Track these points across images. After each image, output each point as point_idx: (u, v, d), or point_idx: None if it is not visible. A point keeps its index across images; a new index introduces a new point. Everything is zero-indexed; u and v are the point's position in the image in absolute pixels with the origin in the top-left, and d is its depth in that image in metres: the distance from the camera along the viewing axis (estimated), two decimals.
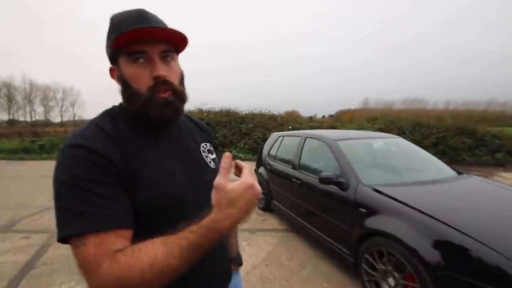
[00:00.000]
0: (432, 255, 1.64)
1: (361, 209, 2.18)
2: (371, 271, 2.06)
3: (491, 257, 1.46)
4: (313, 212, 2.85)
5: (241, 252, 2.79)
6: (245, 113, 12.62)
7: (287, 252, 2.89)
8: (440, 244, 1.64)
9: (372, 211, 2.10)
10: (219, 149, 10.57)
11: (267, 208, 4.06)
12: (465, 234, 1.59)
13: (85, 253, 0.49)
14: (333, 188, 2.52)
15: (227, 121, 11.68)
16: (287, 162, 3.59)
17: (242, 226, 2.59)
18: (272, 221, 3.79)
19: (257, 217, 3.94)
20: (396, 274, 1.85)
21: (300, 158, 3.33)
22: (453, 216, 1.76)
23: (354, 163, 2.59)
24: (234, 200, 0.50)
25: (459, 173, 2.79)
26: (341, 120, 17.79)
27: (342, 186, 2.44)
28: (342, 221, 2.39)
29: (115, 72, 0.64)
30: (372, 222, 2.06)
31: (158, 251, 0.48)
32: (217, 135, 10.85)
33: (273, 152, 4.17)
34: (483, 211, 1.93)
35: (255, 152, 10.49)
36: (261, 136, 10.84)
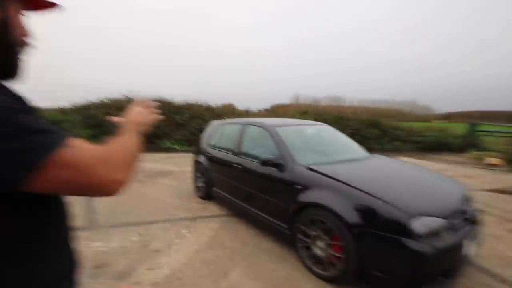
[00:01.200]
0: (352, 217, 1.97)
1: (297, 186, 2.43)
2: (304, 238, 2.33)
3: (394, 213, 1.85)
4: (254, 195, 3.01)
5: (181, 240, 2.73)
6: (180, 104, 12.08)
7: (230, 235, 2.99)
8: (358, 208, 1.98)
9: (306, 187, 2.37)
10: (151, 141, 9.87)
11: (207, 196, 4.07)
12: (375, 197, 1.97)
13: (84, 151, 0.55)
14: (272, 170, 2.72)
15: (160, 111, 10.97)
16: (228, 149, 3.66)
17: (182, 215, 2.57)
18: (212, 208, 3.82)
19: (197, 206, 3.91)
20: (324, 237, 2.15)
21: (241, 145, 3.44)
22: (366, 184, 2.14)
23: (291, 146, 2.85)
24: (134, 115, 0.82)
25: (371, 153, 3.37)
26: (276, 113, 18.77)
27: (280, 167, 2.65)
28: (280, 199, 2.61)
29: None
30: (306, 196, 2.33)
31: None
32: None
33: (213, 140, 4.17)
34: (387, 179, 2.41)
35: (191, 143, 10.21)
36: (198, 127, 10.58)
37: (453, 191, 2.35)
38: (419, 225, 1.79)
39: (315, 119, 11.53)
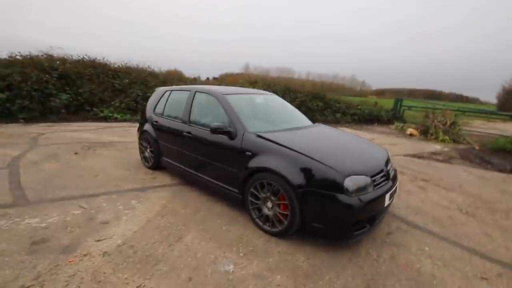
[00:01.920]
0: (297, 179, 2.18)
1: (247, 153, 2.54)
2: (255, 200, 2.51)
3: (331, 173, 2.11)
4: (205, 162, 3.04)
5: (130, 211, 2.67)
6: (118, 66, 10.81)
7: (182, 202, 3.02)
8: (301, 170, 2.19)
9: (255, 153, 2.49)
10: (85, 108, 8.79)
11: (156, 166, 3.94)
12: (315, 160, 2.19)
13: None
14: (222, 137, 2.76)
15: (93, 73, 9.66)
16: (176, 117, 3.53)
17: (129, 186, 2.51)
18: (163, 178, 3.74)
19: (145, 176, 3.77)
20: (272, 198, 2.36)
21: (190, 112, 3.35)
22: (308, 149, 2.36)
23: (241, 114, 2.89)
24: None
25: (314, 122, 3.65)
26: (225, 82, 18.32)
27: (231, 135, 2.70)
28: (231, 165, 2.70)
29: None
30: (256, 162, 2.46)
31: None
32: (80, 90, 8.87)
33: (159, 108, 3.95)
34: (326, 145, 2.68)
35: (134, 112, 9.43)
36: (141, 94, 9.75)
37: (379, 154, 2.76)
38: (351, 183, 2.09)
39: (264, 90, 11.75)
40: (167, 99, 3.90)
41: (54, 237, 2.22)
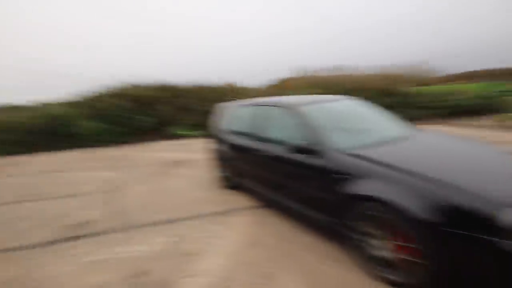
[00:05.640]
0: (428, 214, 1.61)
1: (341, 175, 2.09)
2: (362, 237, 2.01)
3: (478, 205, 1.50)
4: (289, 186, 2.71)
5: (216, 240, 2.50)
6: (186, 86, 11.65)
7: (266, 230, 2.74)
8: (434, 201, 1.62)
9: (354, 176, 2.02)
10: (159, 128, 9.66)
11: (234, 186, 3.81)
12: (455, 186, 1.60)
13: None
14: (308, 157, 2.38)
15: (167, 96, 10.61)
16: (249, 134, 3.32)
17: (210, 209, 2.72)
18: (240, 199, 3.56)
19: (223, 198, 3.67)
20: (387, 235, 1.84)
21: (264, 129, 3.09)
22: (435, 171, 1.78)
23: (323, 128, 2.48)
24: None
25: (413, 128, 2.94)
26: (286, 88, 17.78)
27: (317, 153, 2.31)
28: (323, 190, 2.28)
29: None
30: (358, 188, 1.97)
31: None
32: (156, 112, 9.85)
33: (229, 125, 3.84)
34: (452, 162, 2.03)
35: (202, 127, 9.95)
36: (203, 110, 10.25)
37: None
38: (509, 218, 1.45)
39: (334, 92, 10.70)
40: (235, 116, 3.76)
41: (151, 270, 2.18)
